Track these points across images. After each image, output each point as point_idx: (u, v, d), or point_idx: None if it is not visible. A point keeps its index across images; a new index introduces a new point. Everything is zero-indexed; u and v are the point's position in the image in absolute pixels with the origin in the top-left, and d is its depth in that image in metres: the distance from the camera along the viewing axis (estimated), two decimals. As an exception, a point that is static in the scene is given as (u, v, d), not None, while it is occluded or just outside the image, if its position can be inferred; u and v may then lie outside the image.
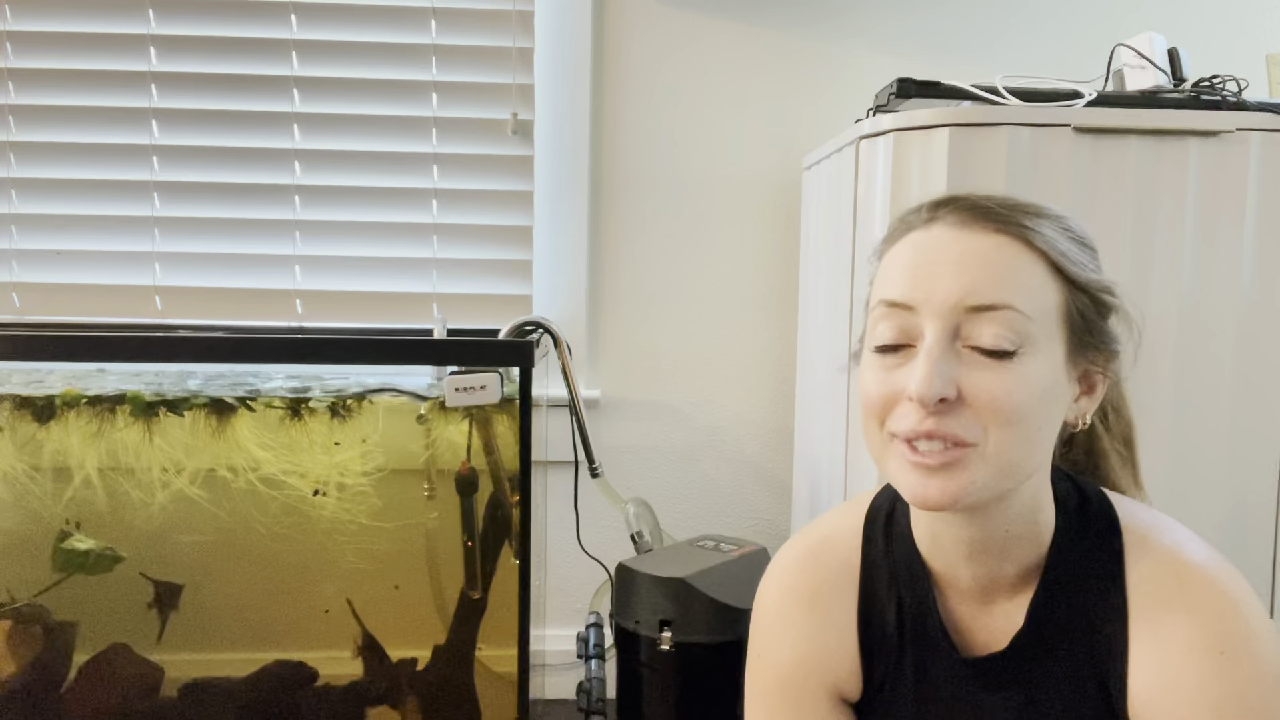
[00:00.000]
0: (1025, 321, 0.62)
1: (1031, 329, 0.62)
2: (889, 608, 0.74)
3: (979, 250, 0.64)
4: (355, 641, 1.41)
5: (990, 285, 0.63)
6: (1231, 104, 1.23)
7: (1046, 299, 0.64)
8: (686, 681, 1.11)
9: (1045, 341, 0.63)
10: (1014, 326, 0.62)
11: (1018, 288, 0.63)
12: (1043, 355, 0.63)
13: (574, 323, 1.78)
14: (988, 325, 0.62)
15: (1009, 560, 0.69)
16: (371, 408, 1.38)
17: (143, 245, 1.73)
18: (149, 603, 1.39)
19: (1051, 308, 0.64)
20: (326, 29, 1.72)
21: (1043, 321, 0.63)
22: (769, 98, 1.78)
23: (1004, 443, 0.62)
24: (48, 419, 1.36)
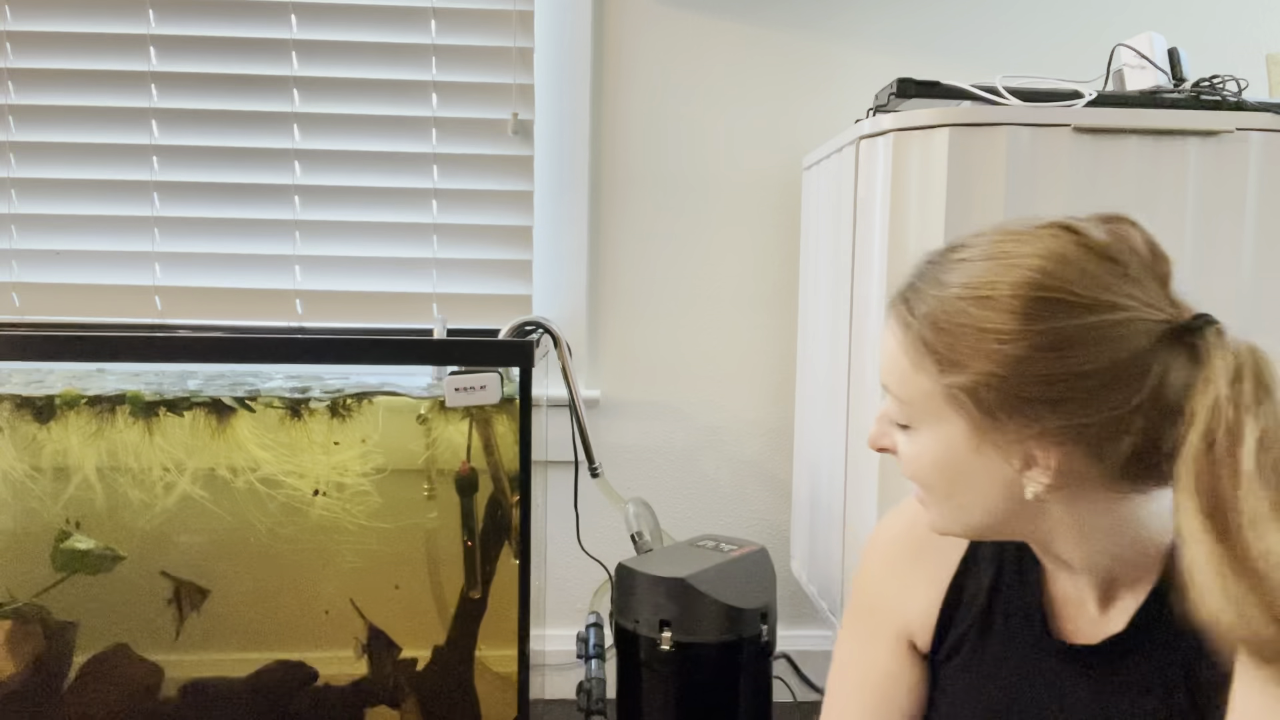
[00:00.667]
0: (901, 404, 0.69)
1: (915, 408, 0.68)
2: (986, 575, 0.79)
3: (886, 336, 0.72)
4: (359, 640, 1.41)
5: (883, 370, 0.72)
6: (1231, 104, 1.23)
7: (919, 386, 0.67)
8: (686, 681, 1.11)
9: (931, 420, 0.68)
10: (894, 408, 0.70)
11: (894, 375, 0.70)
12: (928, 432, 0.68)
13: (574, 323, 1.78)
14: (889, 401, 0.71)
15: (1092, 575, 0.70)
16: (371, 408, 1.38)
17: (143, 245, 1.73)
18: (168, 599, 1.39)
19: (927, 393, 0.67)
20: (326, 29, 1.72)
21: (921, 404, 0.68)
22: (769, 98, 1.78)
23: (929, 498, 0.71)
24: (48, 419, 1.36)
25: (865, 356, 1.30)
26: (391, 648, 1.41)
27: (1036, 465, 0.65)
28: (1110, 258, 0.64)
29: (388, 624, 1.42)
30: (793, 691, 1.77)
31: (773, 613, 1.16)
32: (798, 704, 1.78)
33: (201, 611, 1.41)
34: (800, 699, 1.80)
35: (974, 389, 0.64)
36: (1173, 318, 0.62)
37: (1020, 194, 1.17)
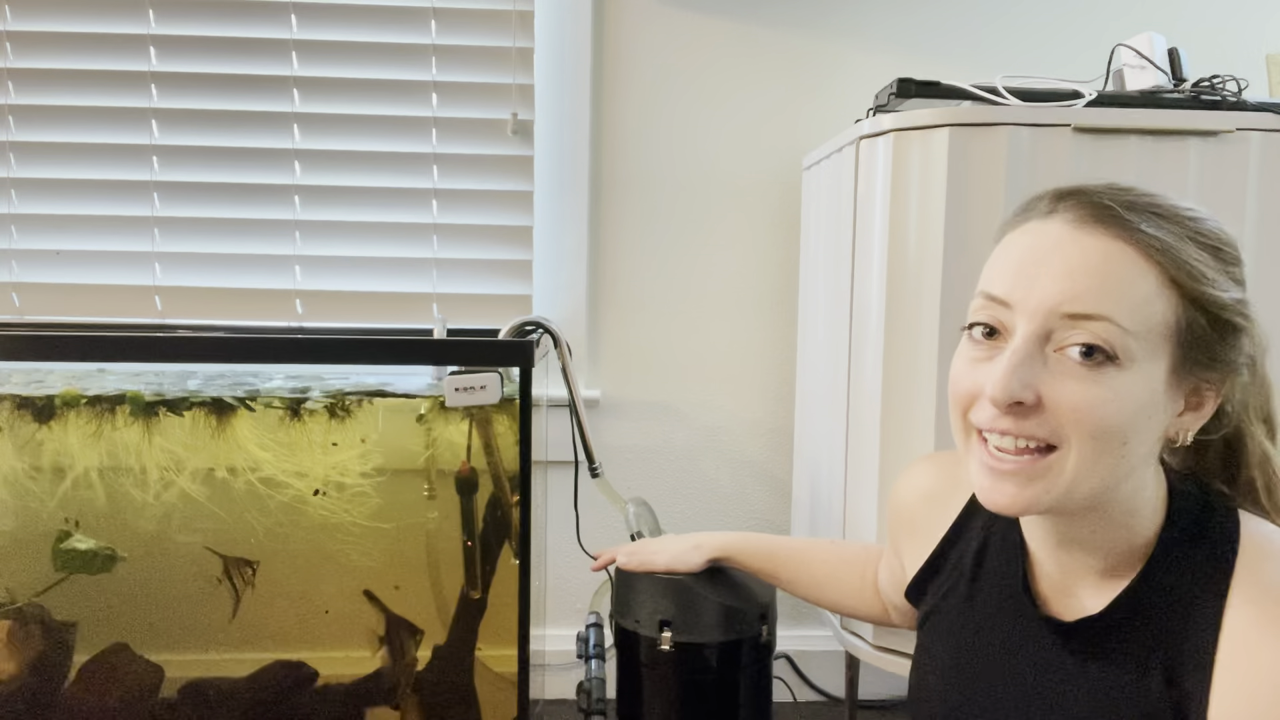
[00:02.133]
0: (1124, 335, 0.60)
1: (1130, 343, 0.60)
2: (973, 542, 0.81)
3: (1088, 255, 0.62)
4: (377, 634, 1.41)
5: (1091, 294, 0.61)
6: (1231, 104, 1.23)
7: (1154, 314, 0.61)
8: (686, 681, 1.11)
9: (1146, 357, 0.61)
10: (1110, 339, 0.60)
11: (1122, 300, 0.60)
12: (1140, 370, 0.61)
13: (574, 323, 1.78)
14: (1082, 334, 0.61)
15: (1096, 555, 0.69)
16: (371, 408, 1.38)
17: (143, 245, 1.73)
18: (218, 577, 1.39)
19: (1158, 323, 0.61)
20: (326, 29, 1.72)
21: (1146, 337, 0.61)
22: (769, 98, 1.78)
23: (1085, 454, 0.62)
24: (48, 419, 1.36)
25: (865, 356, 1.30)
26: (415, 633, 1.41)
27: (1202, 408, 0.66)
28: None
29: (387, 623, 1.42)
30: (793, 691, 1.77)
31: (773, 613, 1.16)
32: (798, 704, 1.78)
33: (201, 612, 1.41)
34: (800, 699, 1.80)
35: (1214, 308, 0.63)
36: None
37: (1020, 194, 1.17)
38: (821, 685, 1.83)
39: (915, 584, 0.88)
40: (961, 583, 0.82)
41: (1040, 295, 0.62)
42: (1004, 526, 0.79)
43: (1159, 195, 0.65)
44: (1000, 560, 0.79)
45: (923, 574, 0.87)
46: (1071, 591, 0.72)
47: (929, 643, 0.85)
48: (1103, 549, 0.69)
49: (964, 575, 0.82)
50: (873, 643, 1.29)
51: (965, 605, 0.81)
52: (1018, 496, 0.63)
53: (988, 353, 0.65)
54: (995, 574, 0.79)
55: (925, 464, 0.93)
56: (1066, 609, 0.73)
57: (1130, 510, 0.67)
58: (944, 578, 0.85)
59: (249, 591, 1.40)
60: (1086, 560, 0.70)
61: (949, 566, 0.85)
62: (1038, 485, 0.63)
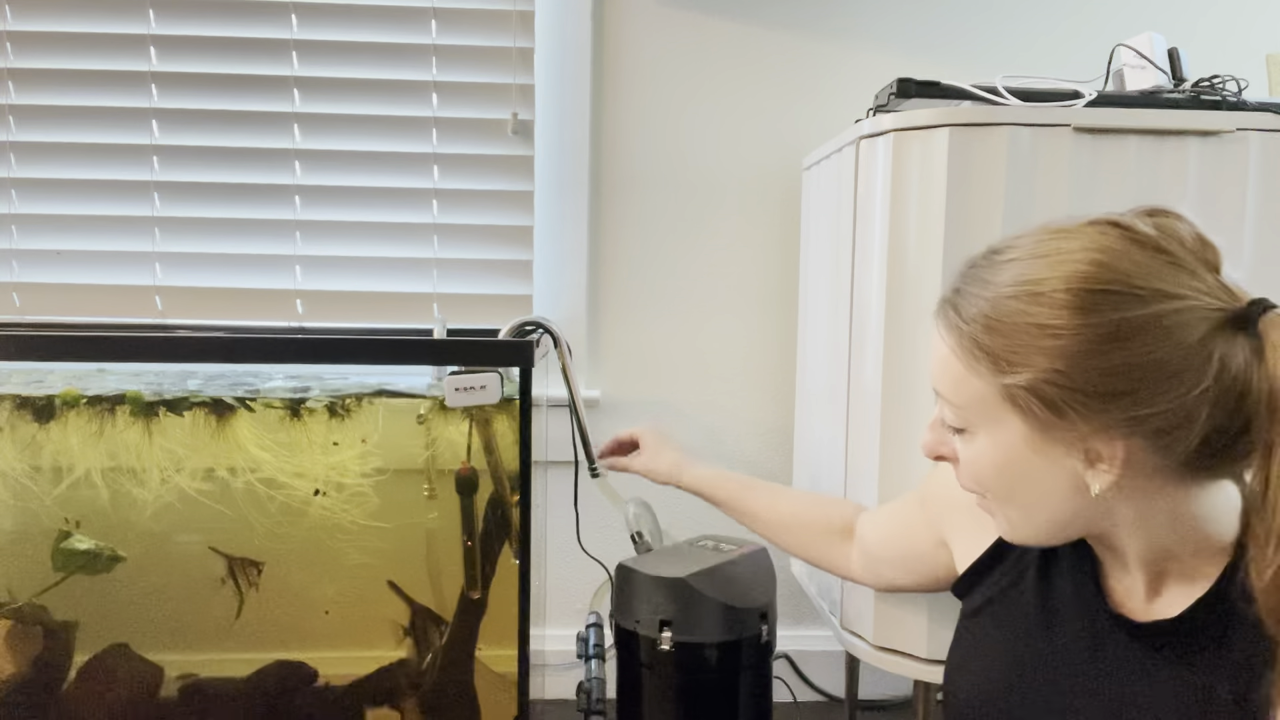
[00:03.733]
0: (956, 410, 0.70)
1: (964, 415, 0.69)
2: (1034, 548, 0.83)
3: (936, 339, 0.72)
4: (400, 625, 1.41)
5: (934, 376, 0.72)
6: (1231, 104, 1.23)
7: (972, 391, 0.68)
8: (686, 681, 1.11)
9: (986, 423, 0.68)
10: (949, 414, 0.71)
11: (946, 380, 0.70)
12: (986, 436, 0.69)
13: (574, 323, 1.78)
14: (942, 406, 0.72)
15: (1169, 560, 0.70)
16: (371, 408, 1.38)
17: (143, 245, 1.73)
18: (222, 578, 1.39)
19: (980, 398, 0.68)
20: (326, 29, 1.72)
21: (976, 409, 0.68)
22: (769, 98, 1.78)
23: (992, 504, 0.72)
24: (48, 419, 1.36)
25: (865, 356, 1.30)
26: (439, 624, 1.41)
27: (1101, 461, 0.65)
28: (1159, 249, 0.64)
29: (388, 624, 1.42)
30: (793, 691, 1.77)
31: (773, 613, 1.16)
32: (798, 704, 1.78)
33: (201, 611, 1.41)
34: (800, 699, 1.80)
35: (1034, 387, 0.64)
36: (1227, 304, 0.63)
37: (1020, 194, 1.17)
38: (821, 685, 1.83)
39: (970, 574, 0.87)
40: (1028, 575, 0.81)
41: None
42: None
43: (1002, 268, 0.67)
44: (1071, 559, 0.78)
45: (980, 564, 0.86)
46: (1148, 592, 0.72)
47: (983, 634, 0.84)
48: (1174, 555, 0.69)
49: (1030, 567, 0.81)
50: (873, 643, 1.29)
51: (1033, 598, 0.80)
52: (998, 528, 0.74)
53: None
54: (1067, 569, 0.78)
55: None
56: (1141, 609, 0.72)
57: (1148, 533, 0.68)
58: (1006, 568, 0.84)
59: (251, 592, 1.40)
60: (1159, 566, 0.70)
61: (1012, 558, 0.83)
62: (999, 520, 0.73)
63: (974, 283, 0.69)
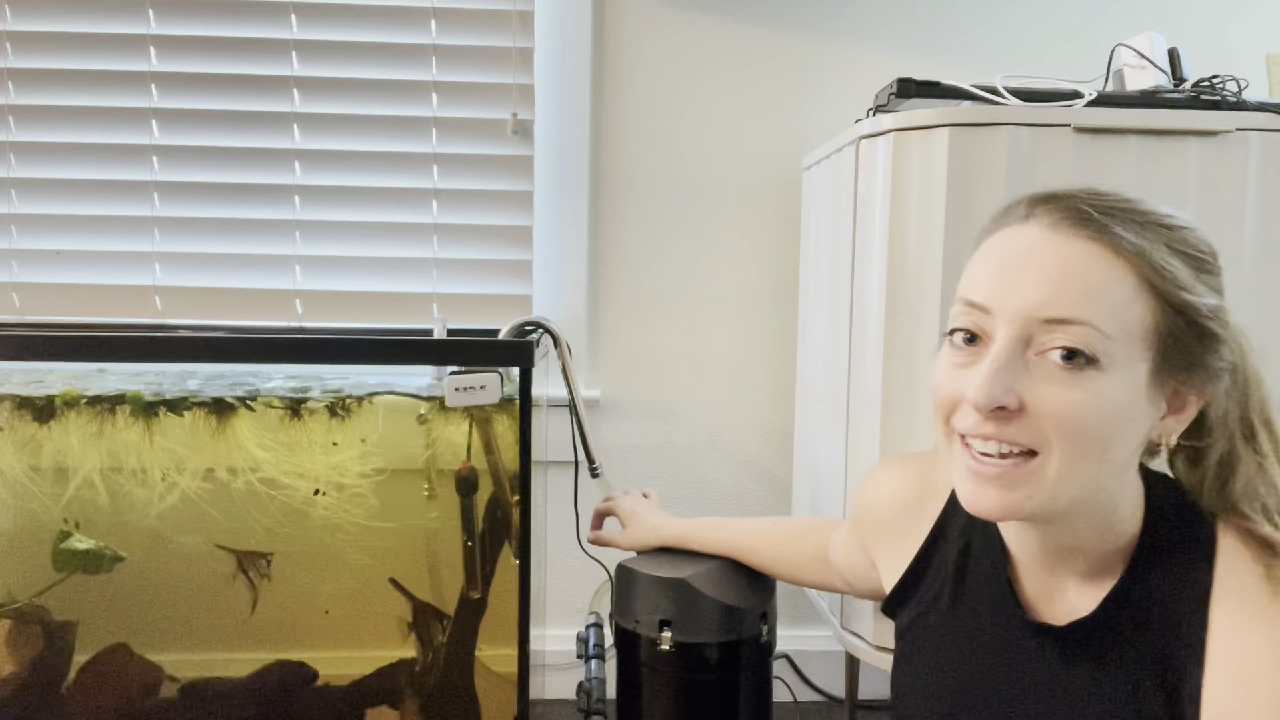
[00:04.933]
0: (1103, 339, 0.60)
1: (1110, 347, 0.61)
2: (954, 547, 0.80)
3: (1065, 259, 0.62)
4: (404, 620, 1.41)
5: (1069, 299, 0.61)
6: (1231, 104, 1.23)
7: (1132, 317, 0.61)
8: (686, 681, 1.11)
9: (1125, 360, 0.61)
10: (1089, 343, 0.60)
11: (1100, 304, 0.61)
12: (1120, 373, 0.61)
13: (574, 323, 1.78)
14: (1061, 339, 0.61)
15: (1079, 558, 0.70)
16: (371, 408, 1.38)
17: (143, 245, 1.73)
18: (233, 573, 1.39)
19: (1137, 326, 0.61)
20: (326, 29, 1.72)
21: (1125, 340, 0.61)
22: (769, 98, 1.78)
23: (1067, 458, 0.62)
24: (48, 419, 1.36)
25: (865, 356, 1.30)
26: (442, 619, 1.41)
27: (1184, 410, 0.65)
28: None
29: (388, 623, 1.42)
30: (793, 691, 1.77)
31: (773, 613, 1.16)
32: (798, 704, 1.78)
33: (201, 611, 1.41)
34: (800, 699, 1.80)
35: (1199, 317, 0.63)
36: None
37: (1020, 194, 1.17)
38: (821, 685, 1.83)
39: (894, 595, 0.86)
40: (945, 591, 0.81)
41: (1019, 300, 0.62)
42: (984, 530, 0.78)
43: (1138, 200, 0.65)
44: (984, 566, 0.78)
45: (903, 584, 0.85)
46: (1058, 594, 0.72)
47: (912, 653, 0.84)
48: (1086, 552, 0.69)
49: (947, 583, 0.80)
50: (873, 643, 1.29)
51: (950, 614, 0.80)
52: (1002, 501, 0.63)
53: (969, 358, 0.65)
54: (980, 580, 0.78)
55: (893, 468, 0.91)
56: (1055, 612, 0.72)
57: (1110, 513, 0.67)
58: (926, 587, 0.83)
59: (244, 593, 1.40)
60: (1070, 564, 0.70)
61: (930, 575, 0.83)
62: (1021, 490, 0.63)
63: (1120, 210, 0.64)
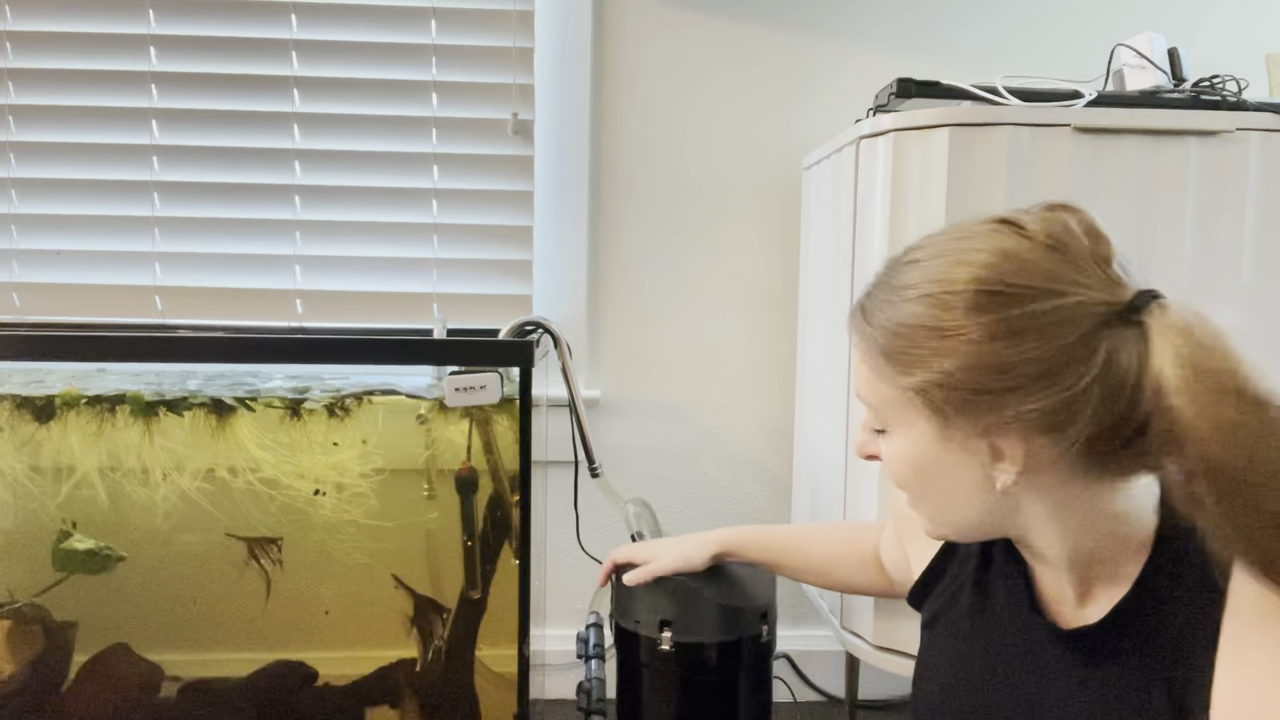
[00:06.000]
0: (874, 411, 0.73)
1: (884, 413, 0.72)
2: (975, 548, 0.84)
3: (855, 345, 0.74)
4: (407, 616, 1.41)
5: (854, 379, 0.75)
6: (1231, 104, 1.23)
7: (883, 392, 0.70)
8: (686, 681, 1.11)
9: (899, 422, 0.71)
10: (869, 414, 0.74)
11: (860, 382, 0.73)
12: (899, 436, 0.71)
13: (574, 323, 1.78)
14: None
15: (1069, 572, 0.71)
16: (371, 408, 1.38)
17: (143, 245, 1.73)
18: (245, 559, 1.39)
19: (891, 399, 0.70)
20: (326, 29, 1.72)
21: (888, 409, 0.71)
22: (769, 98, 1.78)
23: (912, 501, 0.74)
24: (48, 419, 1.36)
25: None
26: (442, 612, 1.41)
27: (1004, 457, 0.67)
28: (1050, 246, 0.65)
29: (387, 623, 1.42)
30: (793, 691, 1.77)
31: (773, 613, 1.16)
32: (798, 704, 1.78)
33: (201, 612, 1.41)
34: (800, 699, 1.80)
35: (928, 388, 0.66)
36: (1115, 298, 0.63)
37: (1020, 194, 1.17)
38: (821, 685, 1.83)
39: (918, 587, 0.89)
40: (965, 589, 0.83)
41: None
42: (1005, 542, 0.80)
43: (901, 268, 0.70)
44: (1003, 567, 0.79)
45: (925, 579, 0.88)
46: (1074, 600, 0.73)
47: (933, 648, 0.86)
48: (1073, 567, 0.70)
49: (967, 581, 0.83)
50: (873, 643, 1.29)
51: (970, 613, 0.81)
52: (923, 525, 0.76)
53: None
54: (999, 581, 0.80)
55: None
56: (1067, 616, 0.73)
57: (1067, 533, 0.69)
58: (946, 583, 0.86)
59: (243, 593, 1.40)
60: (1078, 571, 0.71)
61: (951, 570, 0.86)
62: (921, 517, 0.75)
63: (882, 288, 0.71)
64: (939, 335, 0.65)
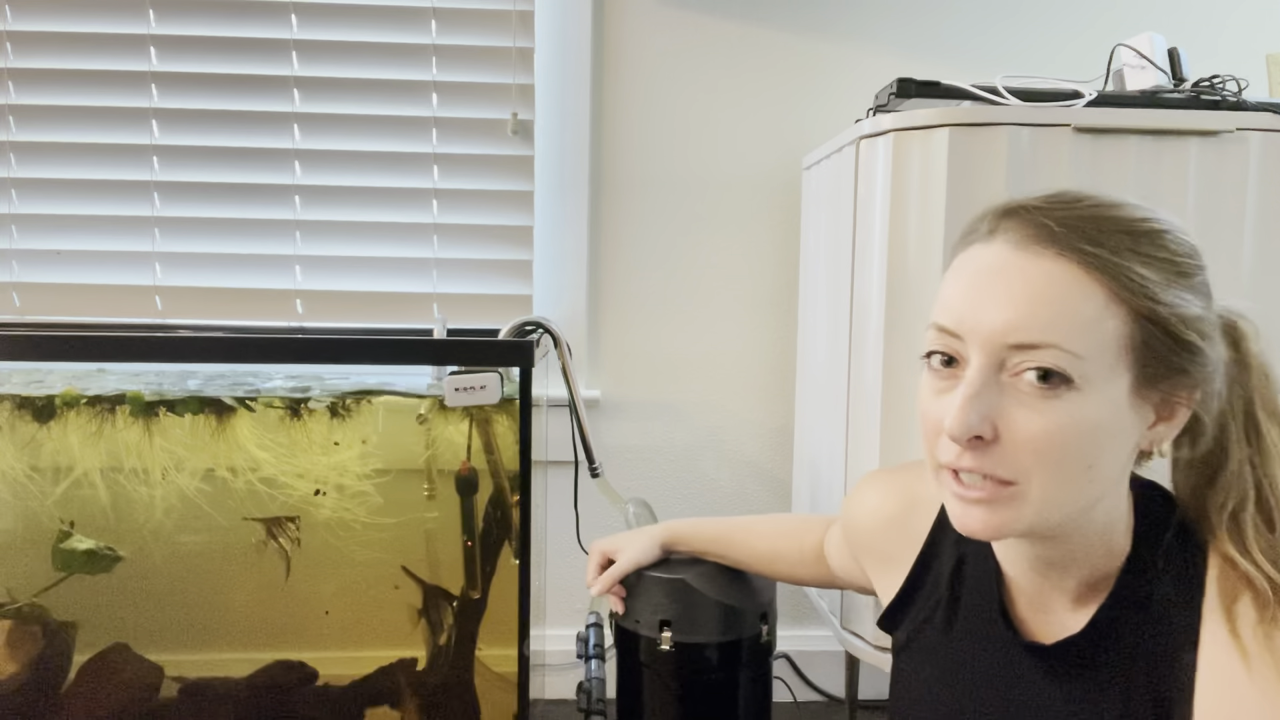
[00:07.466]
0: (1075, 360, 0.59)
1: (1083, 366, 0.59)
2: (947, 564, 0.79)
3: (1030, 280, 0.60)
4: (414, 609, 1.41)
5: (1037, 322, 0.59)
6: (1231, 104, 1.23)
7: (1104, 333, 0.59)
8: (686, 681, 1.11)
9: (1101, 377, 0.59)
10: (1061, 364, 0.58)
11: (1068, 324, 0.59)
12: (1098, 391, 0.59)
13: (574, 323, 1.78)
14: (1032, 362, 0.59)
15: (1071, 575, 0.68)
16: (371, 408, 1.38)
17: (143, 245, 1.73)
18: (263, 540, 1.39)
19: (1110, 342, 0.59)
20: (326, 29, 1.72)
21: (1098, 357, 0.59)
22: (769, 98, 1.78)
23: (1048, 482, 0.60)
24: (48, 419, 1.36)
25: (865, 356, 1.30)
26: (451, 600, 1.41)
27: (1174, 418, 0.64)
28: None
29: (387, 624, 1.42)
30: (793, 691, 1.77)
31: (773, 613, 1.16)
32: (798, 704, 1.78)
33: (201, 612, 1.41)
34: (800, 699, 1.80)
35: (1175, 323, 0.60)
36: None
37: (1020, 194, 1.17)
38: (821, 685, 1.83)
39: (889, 612, 0.85)
40: (940, 609, 0.80)
41: (987, 326, 0.61)
42: (978, 547, 0.77)
43: (1108, 204, 0.64)
44: (977, 585, 0.77)
45: (897, 601, 0.84)
46: (1050, 613, 0.71)
47: (909, 671, 0.83)
48: (1078, 569, 0.68)
49: (941, 601, 0.80)
50: (873, 643, 1.29)
51: (945, 632, 0.79)
52: (989, 522, 0.62)
53: (948, 382, 0.64)
54: (973, 599, 0.77)
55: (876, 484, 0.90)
56: (1046, 631, 0.71)
57: (1106, 529, 0.66)
58: (920, 605, 0.82)
59: (244, 593, 1.40)
60: (1062, 581, 0.69)
61: (924, 592, 0.82)
62: (1007, 512, 0.62)
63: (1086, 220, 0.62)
64: (1179, 270, 0.62)
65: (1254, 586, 0.62)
